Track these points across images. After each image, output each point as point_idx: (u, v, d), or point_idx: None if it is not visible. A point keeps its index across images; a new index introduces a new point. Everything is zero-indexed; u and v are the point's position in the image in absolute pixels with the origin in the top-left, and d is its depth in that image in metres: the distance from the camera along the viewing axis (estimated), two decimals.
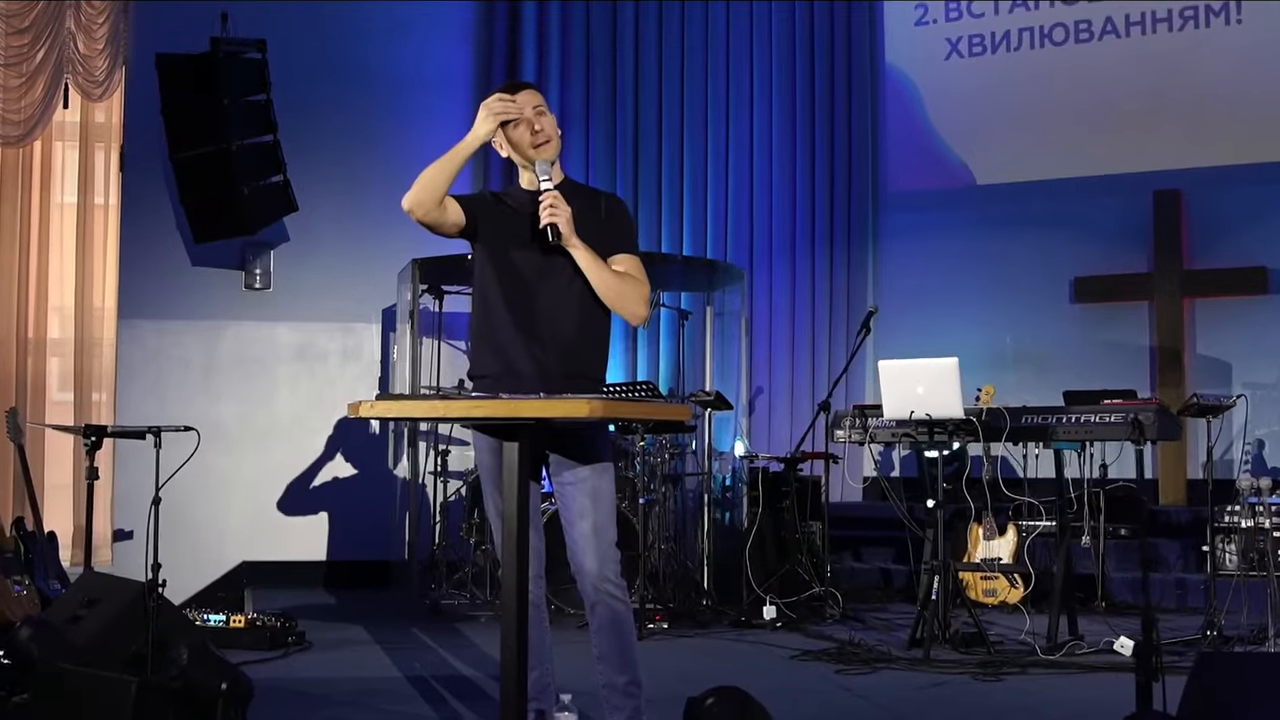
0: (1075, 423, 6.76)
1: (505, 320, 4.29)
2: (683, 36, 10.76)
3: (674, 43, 10.75)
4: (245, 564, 9.49)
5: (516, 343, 4.26)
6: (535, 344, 4.25)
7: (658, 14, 10.74)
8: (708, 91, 10.78)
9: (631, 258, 4.34)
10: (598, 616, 4.24)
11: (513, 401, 3.82)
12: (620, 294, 4.24)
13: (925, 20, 10.89)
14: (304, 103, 9.58)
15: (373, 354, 10.05)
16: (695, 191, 10.73)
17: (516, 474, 3.92)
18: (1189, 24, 10.00)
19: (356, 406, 3.97)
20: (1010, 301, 10.40)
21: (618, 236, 4.33)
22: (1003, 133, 10.56)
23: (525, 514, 3.96)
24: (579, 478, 4.27)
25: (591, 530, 4.27)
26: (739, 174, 10.74)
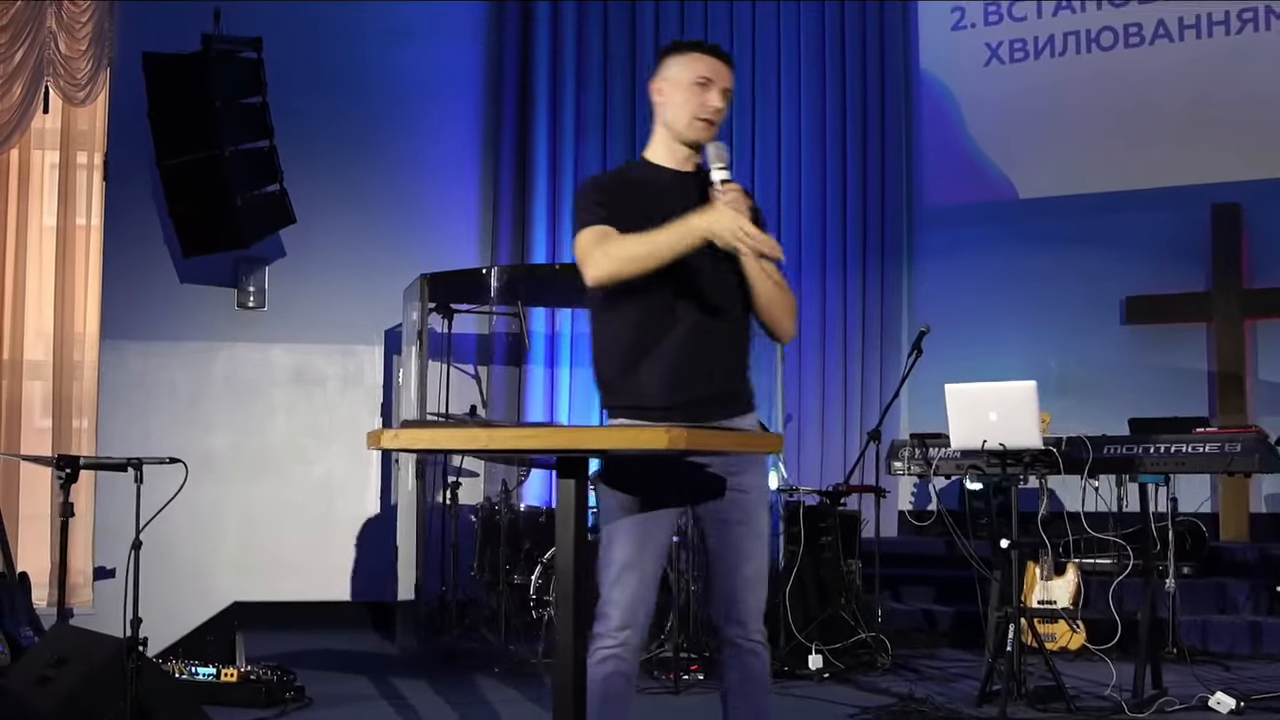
0: (1165, 453, 6.12)
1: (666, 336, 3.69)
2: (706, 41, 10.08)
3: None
4: (236, 605, 8.83)
5: (683, 363, 3.69)
6: (704, 364, 3.70)
7: (679, 15, 10.09)
8: (732, 106, 10.09)
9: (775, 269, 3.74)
10: (747, 669, 3.74)
11: (572, 430, 3.16)
12: (783, 307, 3.73)
13: (963, 24, 10.26)
14: (302, 106, 8.94)
15: (375, 378, 9.41)
16: None
17: (573, 517, 3.26)
18: (1247, 26, 9.38)
19: (378, 435, 3.30)
20: (1056, 323, 9.74)
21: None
22: (1047, 143, 9.92)
23: (580, 566, 3.30)
24: (749, 516, 3.75)
25: (755, 575, 3.77)
26: (765, 186, 10.07)
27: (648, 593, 3.68)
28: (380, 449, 3.26)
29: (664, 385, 3.66)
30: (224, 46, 8.37)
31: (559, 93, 9.84)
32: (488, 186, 9.76)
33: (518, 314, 8.41)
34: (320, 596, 9.04)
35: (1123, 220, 9.66)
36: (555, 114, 9.81)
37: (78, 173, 8.92)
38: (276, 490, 9.08)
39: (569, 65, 9.86)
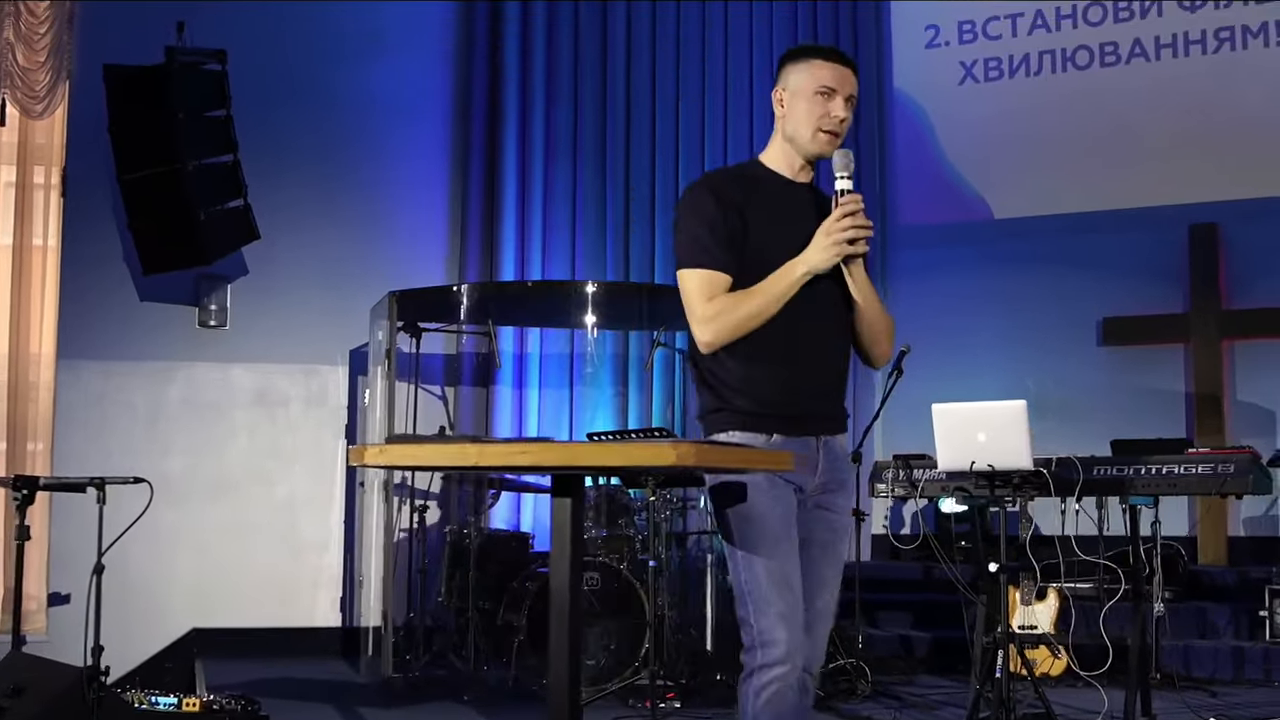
0: (1156, 475, 5.97)
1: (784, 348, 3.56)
2: (677, 64, 9.95)
3: (667, 70, 9.94)
4: (195, 631, 8.58)
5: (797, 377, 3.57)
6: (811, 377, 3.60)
7: (650, 40, 9.92)
8: (704, 120, 9.95)
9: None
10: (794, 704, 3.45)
11: (569, 445, 2.98)
12: (884, 327, 3.66)
13: (937, 42, 10.14)
14: (267, 120, 8.74)
15: (339, 399, 9.18)
16: None
17: (569, 538, 3.08)
18: (1224, 46, 9.28)
19: (361, 451, 3.12)
20: (1032, 345, 9.61)
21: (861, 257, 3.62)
22: (1022, 163, 9.80)
23: (578, 591, 3.12)
24: (834, 537, 3.62)
25: (825, 609, 3.60)
26: None
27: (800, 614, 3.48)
28: (364, 465, 3.06)
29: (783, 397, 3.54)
30: (187, 58, 8.16)
31: (528, 107, 9.66)
32: (456, 203, 9.57)
33: (488, 333, 8.21)
34: (283, 623, 8.80)
35: (1099, 241, 9.55)
36: (524, 129, 9.63)
37: (34, 192, 8.68)
38: (237, 513, 8.83)
39: (538, 86, 9.68)
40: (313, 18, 9.17)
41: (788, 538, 3.48)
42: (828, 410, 3.62)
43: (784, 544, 3.47)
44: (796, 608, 3.43)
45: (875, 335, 3.65)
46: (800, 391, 3.56)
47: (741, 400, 3.55)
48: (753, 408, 3.54)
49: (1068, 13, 9.74)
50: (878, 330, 3.64)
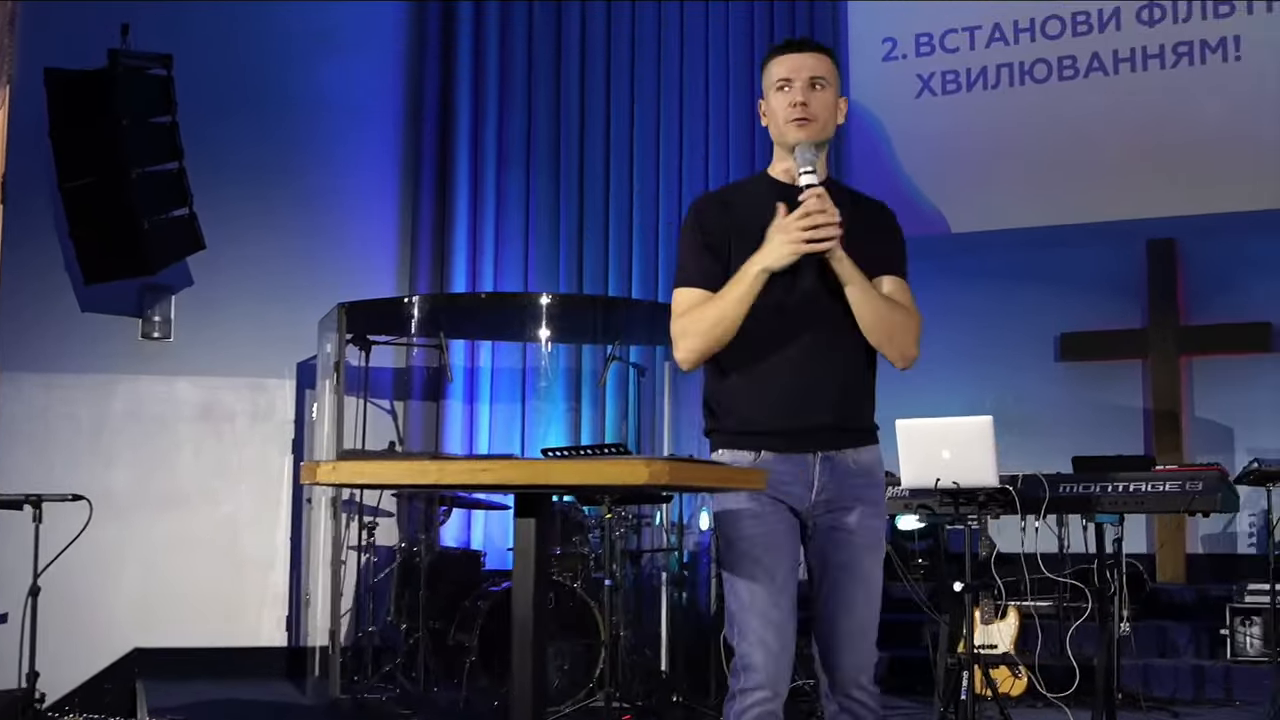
0: (1124, 492, 5.87)
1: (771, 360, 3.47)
2: (632, 72, 9.81)
3: (622, 76, 9.80)
4: (137, 651, 8.34)
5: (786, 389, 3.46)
6: (804, 390, 3.45)
7: (605, 46, 9.79)
8: (659, 129, 9.82)
9: (902, 282, 3.53)
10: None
11: (534, 463, 2.83)
12: (891, 326, 3.43)
13: (894, 55, 10.05)
14: (214, 126, 8.50)
15: (286, 413, 8.97)
16: (645, 234, 9.70)
17: (533, 560, 2.93)
18: (1183, 60, 9.23)
19: (313, 469, 2.96)
20: (989, 360, 9.53)
21: (889, 253, 3.53)
22: (980, 177, 9.71)
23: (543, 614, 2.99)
24: (852, 559, 3.44)
25: (857, 629, 3.45)
26: None
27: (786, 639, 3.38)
28: (316, 483, 2.90)
29: (770, 412, 3.44)
30: (132, 63, 7.94)
31: (480, 122, 9.50)
32: (406, 212, 9.41)
33: (440, 346, 8.03)
34: (227, 642, 8.57)
35: (1057, 256, 9.50)
36: (476, 133, 9.49)
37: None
38: (181, 530, 8.59)
39: (491, 94, 9.53)
40: (261, 20, 8.97)
41: (773, 560, 3.39)
42: (827, 423, 3.45)
43: (765, 567, 3.39)
44: (779, 633, 3.35)
45: (878, 336, 3.44)
46: (790, 406, 3.44)
47: (730, 418, 3.50)
48: (739, 425, 3.47)
49: (1025, 26, 9.67)
50: (880, 329, 3.43)
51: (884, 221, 3.63)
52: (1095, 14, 9.48)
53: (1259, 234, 9.00)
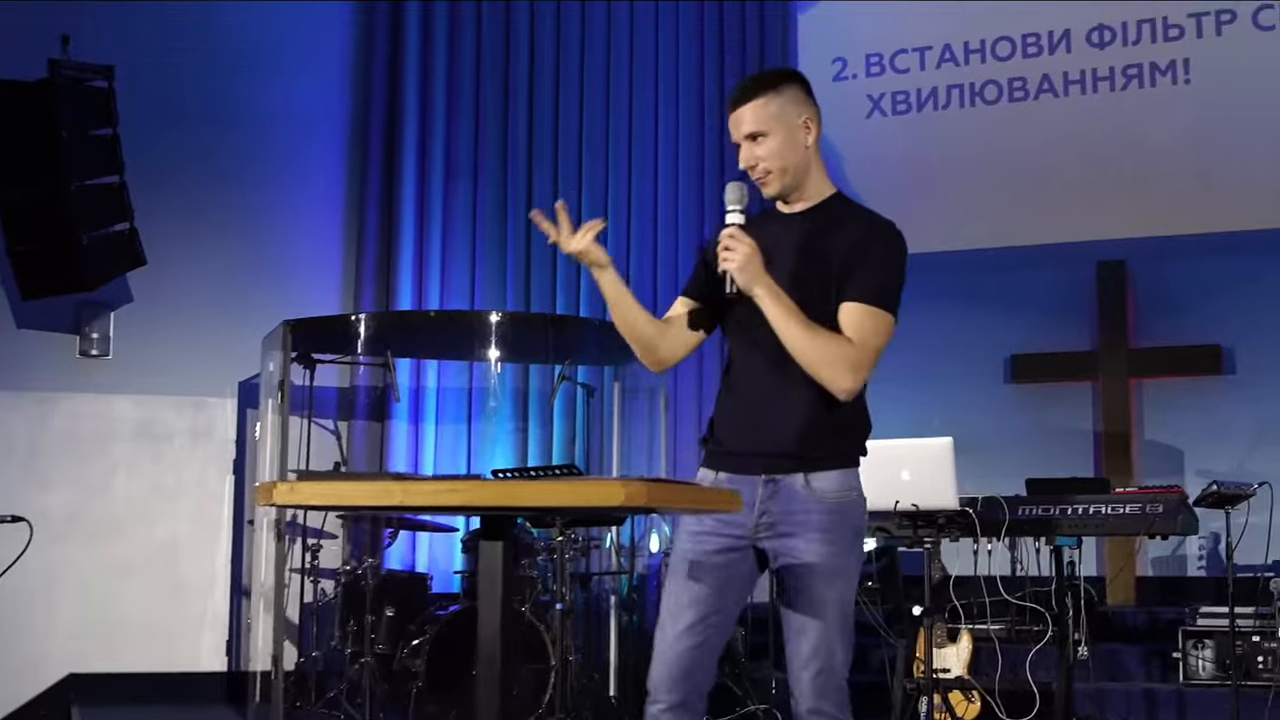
0: (1084, 514, 5.84)
1: (737, 384, 3.60)
2: (582, 86, 9.70)
3: (571, 92, 9.70)
4: (72, 676, 8.12)
5: (741, 412, 3.56)
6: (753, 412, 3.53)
7: (554, 60, 9.68)
8: (608, 147, 9.72)
9: (861, 309, 3.42)
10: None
11: (503, 484, 2.72)
12: (811, 356, 3.38)
13: (844, 75, 10.01)
14: (156, 139, 8.35)
15: (227, 433, 8.78)
16: None
17: (500, 584, 2.82)
18: (1133, 83, 9.24)
19: (269, 489, 2.85)
20: (939, 381, 9.47)
21: (856, 278, 3.45)
22: (930, 198, 9.65)
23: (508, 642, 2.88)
24: (801, 584, 3.41)
25: (809, 652, 3.42)
26: (641, 235, 9.65)
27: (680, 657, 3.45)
28: (273, 505, 2.79)
29: (728, 435, 3.55)
30: (72, 74, 7.78)
31: (428, 136, 9.37)
32: (351, 228, 9.26)
33: (387, 364, 7.88)
34: (166, 667, 8.37)
35: (1008, 277, 9.47)
36: (423, 150, 9.34)
37: None
38: (118, 552, 8.38)
39: (439, 108, 9.40)
40: (204, 32, 8.79)
41: (688, 576, 3.46)
42: (773, 447, 3.45)
43: (679, 583, 3.47)
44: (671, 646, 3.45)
45: (808, 368, 3.41)
46: (742, 428, 3.52)
47: (711, 438, 3.58)
48: (711, 445, 3.56)
49: (976, 47, 9.65)
50: (803, 360, 3.40)
51: (864, 244, 3.53)
52: (1045, 36, 9.48)
53: (1209, 256, 9.00)
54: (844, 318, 3.43)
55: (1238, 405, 8.87)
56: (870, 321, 3.43)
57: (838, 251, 3.49)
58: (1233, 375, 8.95)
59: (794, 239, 3.53)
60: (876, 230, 3.59)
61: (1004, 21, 9.58)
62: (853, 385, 3.40)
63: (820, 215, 3.57)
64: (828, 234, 3.52)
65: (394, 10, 9.49)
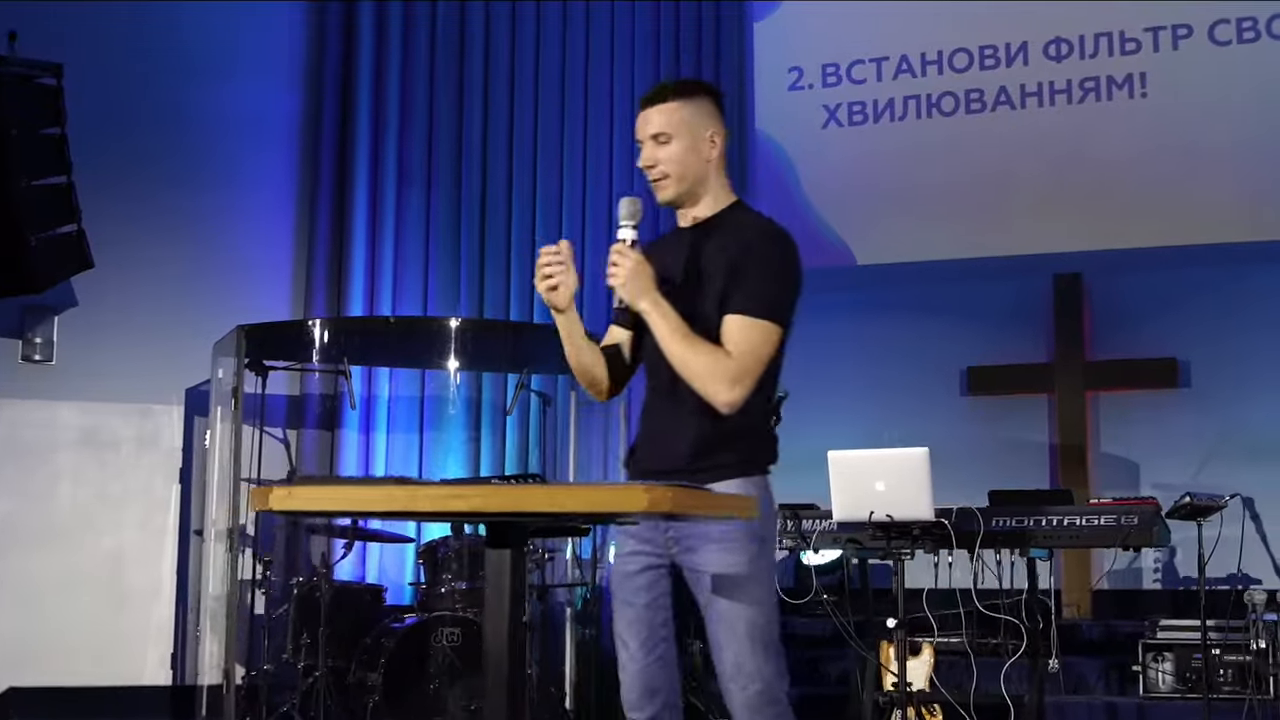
0: (1058, 526, 5.81)
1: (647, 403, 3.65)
2: (536, 91, 9.59)
3: (526, 97, 9.58)
4: (12, 691, 7.91)
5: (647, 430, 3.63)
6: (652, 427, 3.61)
7: (509, 65, 9.55)
8: (563, 153, 9.60)
9: (742, 320, 3.40)
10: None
11: (517, 490, 2.61)
12: (692, 370, 3.38)
13: (800, 85, 9.95)
14: (102, 141, 8.13)
15: (173, 441, 8.60)
16: None
17: (508, 594, 2.71)
18: (1090, 96, 9.25)
19: (264, 495, 2.73)
20: (895, 393, 9.43)
21: (737, 289, 3.43)
22: (886, 209, 9.63)
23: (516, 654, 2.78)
24: (709, 600, 3.44)
25: (733, 669, 3.39)
26: (596, 242, 9.53)
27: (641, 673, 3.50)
28: (267, 510, 2.66)
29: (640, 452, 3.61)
30: (20, 70, 7.54)
31: (380, 141, 9.23)
32: (302, 233, 9.10)
33: (344, 372, 7.72)
34: (109, 681, 8.17)
35: (965, 289, 9.45)
36: (376, 154, 9.19)
37: None
38: (61, 562, 8.17)
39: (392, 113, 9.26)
40: (155, 32, 8.62)
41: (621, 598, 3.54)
42: (669, 463, 3.45)
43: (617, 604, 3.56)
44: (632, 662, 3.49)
45: (689, 380, 3.42)
46: (645, 446, 3.60)
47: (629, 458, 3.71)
48: (629, 464, 3.67)
49: (933, 59, 9.63)
50: (687, 375, 3.42)
51: (750, 253, 3.50)
52: (1003, 48, 9.47)
53: (1165, 270, 9.02)
54: (725, 330, 3.42)
55: (1193, 418, 8.89)
56: (751, 333, 3.41)
57: (725, 262, 3.49)
58: (1188, 388, 8.96)
59: (685, 252, 3.55)
60: (765, 239, 3.56)
61: (961, 33, 9.57)
62: (731, 398, 3.38)
63: (713, 228, 3.58)
64: (717, 245, 3.52)
65: (347, 12, 9.36)
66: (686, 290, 3.49)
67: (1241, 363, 8.81)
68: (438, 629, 6.92)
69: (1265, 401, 8.72)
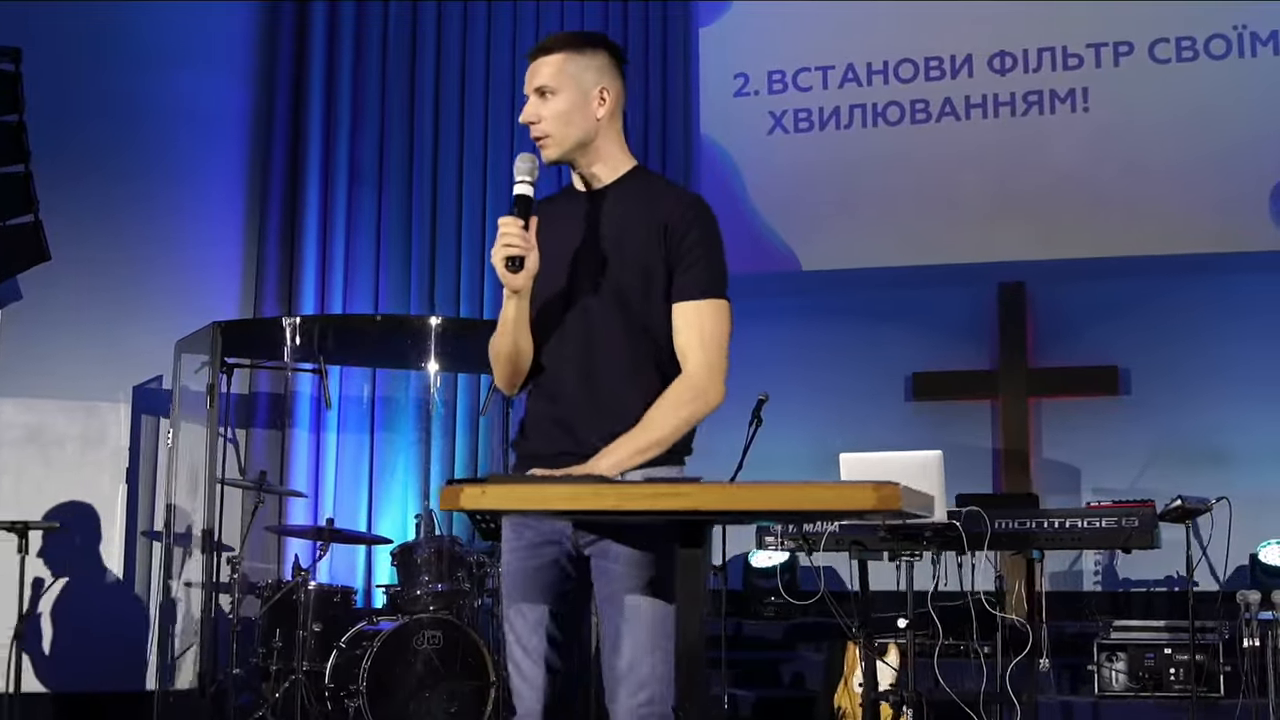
0: (1061, 528, 5.94)
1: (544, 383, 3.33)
2: (487, 92, 9.55)
3: (477, 98, 9.54)
4: None
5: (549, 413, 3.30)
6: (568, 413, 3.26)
7: (460, 67, 9.51)
8: (512, 155, 9.48)
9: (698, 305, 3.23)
10: None
11: (742, 488, 2.61)
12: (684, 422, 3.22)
13: (746, 91, 10.01)
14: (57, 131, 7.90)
15: (120, 440, 8.38)
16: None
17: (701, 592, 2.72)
18: (1033, 109, 9.44)
19: (455, 493, 2.68)
20: (840, 398, 9.52)
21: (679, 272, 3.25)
22: (832, 216, 9.73)
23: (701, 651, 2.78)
24: (608, 590, 3.19)
25: (627, 668, 3.12)
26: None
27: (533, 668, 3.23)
28: (459, 509, 2.62)
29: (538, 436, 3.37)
30: None
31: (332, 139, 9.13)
32: (252, 231, 8.98)
33: (320, 370, 7.59)
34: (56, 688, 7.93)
35: (909, 296, 9.56)
36: (328, 153, 9.13)
37: None
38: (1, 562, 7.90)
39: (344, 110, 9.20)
40: (112, 22, 8.42)
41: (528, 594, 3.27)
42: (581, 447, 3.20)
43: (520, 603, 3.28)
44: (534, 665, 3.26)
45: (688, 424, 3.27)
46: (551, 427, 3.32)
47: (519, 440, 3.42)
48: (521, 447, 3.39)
49: (879, 68, 9.76)
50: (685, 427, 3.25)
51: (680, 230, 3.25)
52: (948, 60, 9.63)
53: (1106, 280, 9.24)
54: (684, 320, 3.21)
55: (1133, 425, 9.11)
56: (711, 317, 3.21)
57: (647, 235, 3.24)
58: (1128, 395, 9.19)
59: (587, 219, 3.30)
60: (696, 212, 3.29)
61: (907, 44, 9.70)
62: (720, 393, 3.22)
63: (620, 194, 3.31)
64: (632, 214, 3.27)
65: (299, 11, 9.28)
66: (596, 260, 3.25)
67: (1179, 371, 9.05)
68: (419, 632, 6.85)
69: (1201, 409, 8.98)
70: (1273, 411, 8.80)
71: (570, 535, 3.21)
